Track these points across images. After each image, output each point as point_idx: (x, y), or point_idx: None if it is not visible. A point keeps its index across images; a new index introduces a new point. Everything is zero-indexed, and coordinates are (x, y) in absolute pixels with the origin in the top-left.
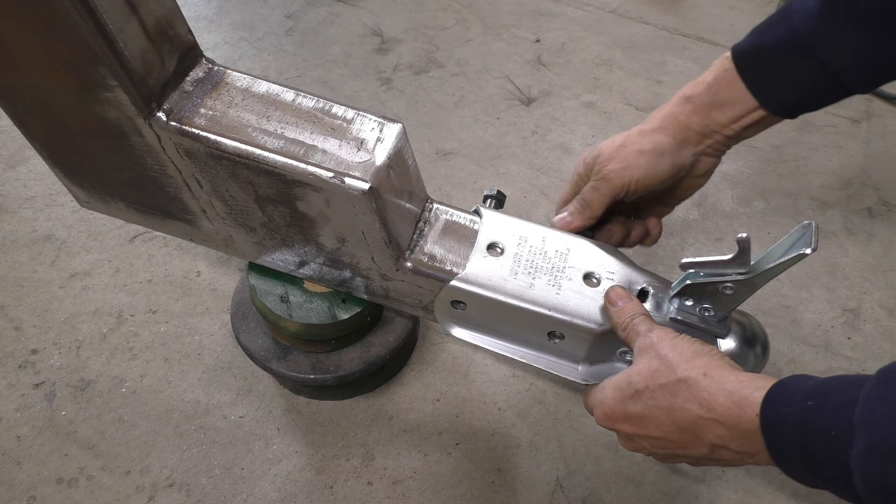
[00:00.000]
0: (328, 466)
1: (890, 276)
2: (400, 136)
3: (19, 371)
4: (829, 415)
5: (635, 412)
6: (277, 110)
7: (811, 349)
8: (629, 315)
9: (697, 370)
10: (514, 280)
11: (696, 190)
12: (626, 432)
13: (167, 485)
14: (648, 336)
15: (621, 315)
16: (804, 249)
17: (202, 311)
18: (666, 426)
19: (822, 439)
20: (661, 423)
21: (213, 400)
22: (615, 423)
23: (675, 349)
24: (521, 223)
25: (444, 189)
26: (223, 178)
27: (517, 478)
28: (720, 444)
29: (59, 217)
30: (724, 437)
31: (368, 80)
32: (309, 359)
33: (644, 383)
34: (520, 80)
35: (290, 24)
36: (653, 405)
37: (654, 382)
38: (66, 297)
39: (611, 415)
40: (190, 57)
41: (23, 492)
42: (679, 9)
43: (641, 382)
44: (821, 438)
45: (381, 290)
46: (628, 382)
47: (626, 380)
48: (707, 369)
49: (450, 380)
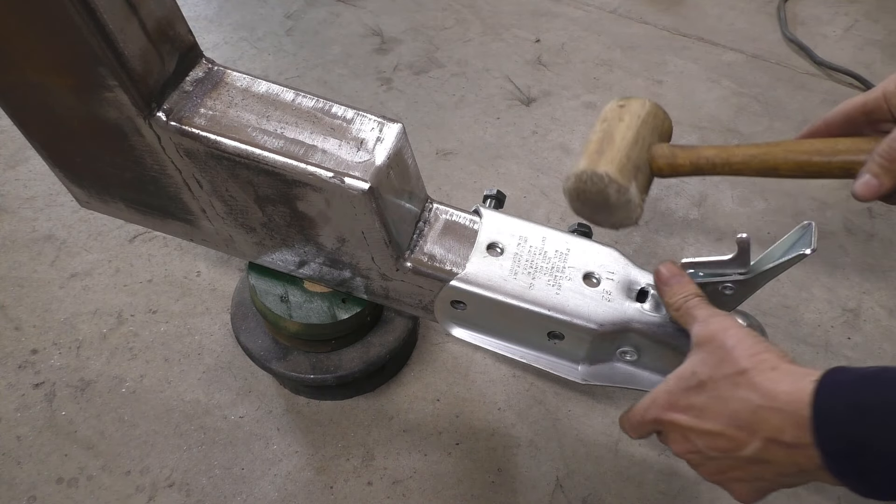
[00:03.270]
0: (328, 466)
1: (890, 276)
2: (400, 136)
3: (19, 371)
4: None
5: (698, 403)
6: (277, 110)
7: (811, 349)
8: (682, 296)
9: (766, 364)
10: (513, 280)
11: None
12: (684, 425)
13: (167, 485)
14: (709, 324)
15: (674, 295)
16: (804, 250)
17: (202, 311)
18: (724, 418)
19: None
20: (720, 415)
21: (213, 400)
22: (675, 413)
23: (741, 342)
24: (520, 223)
25: (444, 189)
26: (223, 178)
27: (517, 478)
28: (774, 436)
29: (59, 217)
30: (779, 427)
31: (368, 80)
32: (309, 359)
33: (709, 374)
34: (520, 80)
35: (290, 24)
36: (716, 395)
37: (718, 373)
38: (66, 297)
39: (673, 403)
40: (190, 57)
41: (23, 492)
42: (679, 9)
43: (706, 373)
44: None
45: (380, 289)
46: (692, 372)
47: (691, 370)
48: (775, 363)
49: (450, 380)
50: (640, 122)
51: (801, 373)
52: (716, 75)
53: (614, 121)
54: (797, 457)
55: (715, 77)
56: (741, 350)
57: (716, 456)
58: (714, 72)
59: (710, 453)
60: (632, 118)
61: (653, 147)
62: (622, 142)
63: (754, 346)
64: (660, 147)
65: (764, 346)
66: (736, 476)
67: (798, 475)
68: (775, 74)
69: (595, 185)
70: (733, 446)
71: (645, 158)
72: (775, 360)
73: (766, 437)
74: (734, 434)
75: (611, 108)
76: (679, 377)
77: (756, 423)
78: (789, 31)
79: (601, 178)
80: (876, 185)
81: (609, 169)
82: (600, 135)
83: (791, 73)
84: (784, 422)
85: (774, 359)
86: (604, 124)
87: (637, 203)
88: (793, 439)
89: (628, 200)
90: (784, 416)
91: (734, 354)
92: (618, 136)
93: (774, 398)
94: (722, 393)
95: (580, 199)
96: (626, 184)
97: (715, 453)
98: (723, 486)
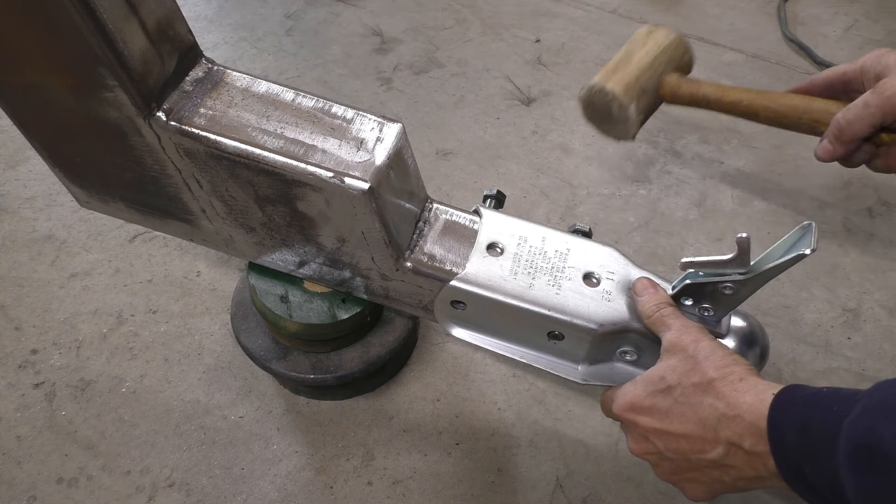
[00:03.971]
0: (328, 466)
1: (890, 276)
2: (400, 135)
3: (19, 371)
4: (837, 397)
5: (663, 406)
6: (277, 110)
7: (811, 349)
8: (654, 304)
9: (733, 376)
10: (513, 280)
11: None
12: (645, 426)
13: (167, 485)
14: (681, 333)
15: (647, 304)
16: (804, 250)
17: (202, 311)
18: (690, 422)
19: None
20: (685, 419)
21: (213, 400)
22: (637, 414)
23: (713, 353)
24: (520, 223)
25: (444, 189)
26: (223, 178)
27: (517, 478)
28: (736, 441)
29: (59, 217)
30: (740, 434)
31: (368, 80)
32: (309, 359)
33: (677, 380)
34: (520, 80)
35: (290, 24)
36: (683, 401)
37: (687, 380)
38: (66, 297)
39: (637, 404)
40: (190, 57)
41: (23, 492)
42: (679, 9)
43: (675, 379)
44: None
45: (380, 290)
46: (661, 377)
47: (659, 374)
48: (742, 375)
49: (450, 380)
50: (660, 51)
51: (764, 386)
52: (716, 75)
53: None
54: (755, 463)
55: (715, 77)
56: (711, 361)
57: (673, 458)
58: (714, 72)
59: (669, 454)
60: (653, 45)
61: (665, 75)
62: (637, 64)
63: (724, 359)
64: (671, 76)
65: (732, 359)
66: (691, 477)
67: (755, 480)
68: (775, 74)
69: (601, 98)
70: (697, 449)
71: (654, 83)
72: (742, 372)
73: (730, 443)
74: (699, 438)
75: (639, 33)
76: (647, 380)
77: (720, 430)
78: (789, 31)
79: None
80: (830, 151)
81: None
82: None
83: (791, 73)
84: (745, 430)
85: (742, 371)
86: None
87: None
88: (751, 447)
89: (626, 117)
90: (745, 425)
91: (704, 365)
92: (635, 59)
93: (737, 407)
94: (689, 399)
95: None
96: (628, 102)
97: (673, 455)
98: (676, 485)
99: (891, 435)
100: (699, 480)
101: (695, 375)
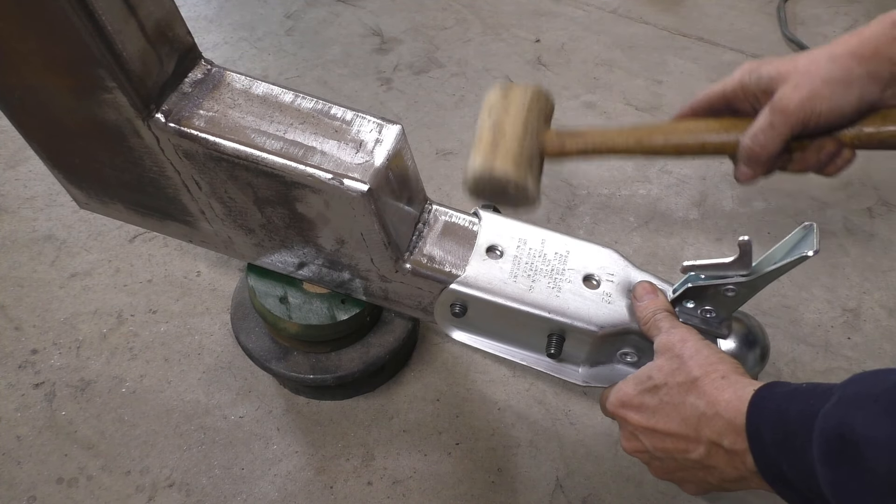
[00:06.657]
0: (328, 466)
1: (890, 276)
2: (399, 137)
3: (19, 371)
4: (815, 392)
5: (650, 404)
6: (276, 112)
7: (811, 349)
8: (651, 311)
9: (716, 373)
10: (513, 283)
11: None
12: (634, 423)
13: (167, 485)
14: (670, 334)
15: (645, 310)
16: (807, 252)
17: (202, 311)
18: (674, 421)
19: (798, 409)
20: (669, 418)
21: (213, 400)
22: (627, 410)
23: (698, 352)
24: (520, 225)
25: (444, 189)
26: (222, 180)
27: (517, 478)
28: (716, 440)
29: (59, 217)
30: (721, 431)
31: (368, 80)
32: (309, 359)
33: (664, 380)
34: (520, 80)
35: (290, 24)
36: (667, 400)
37: (672, 380)
38: (66, 297)
39: (626, 402)
40: (189, 58)
41: (23, 492)
42: (679, 9)
43: (661, 378)
44: (797, 409)
45: (380, 291)
46: (648, 376)
47: (647, 374)
48: (725, 373)
49: (450, 380)
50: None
51: (745, 383)
52: (716, 75)
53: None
54: (735, 462)
55: (715, 77)
56: (696, 360)
57: (661, 457)
58: (714, 72)
59: (657, 454)
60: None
61: (542, 134)
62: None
63: (709, 358)
64: (549, 134)
65: (718, 357)
66: (681, 477)
67: (739, 481)
68: None
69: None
70: (681, 448)
71: (536, 147)
72: (726, 370)
73: (711, 442)
74: (683, 437)
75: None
76: (637, 379)
77: (701, 429)
78: (789, 31)
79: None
80: (750, 174)
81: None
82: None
83: None
84: (724, 428)
85: (725, 369)
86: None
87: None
88: (731, 445)
89: (526, 194)
90: (724, 423)
91: (689, 364)
92: (508, 129)
93: (716, 405)
94: (674, 398)
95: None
96: (523, 180)
97: (661, 454)
98: (673, 482)
99: (861, 423)
100: (689, 480)
101: (680, 374)
